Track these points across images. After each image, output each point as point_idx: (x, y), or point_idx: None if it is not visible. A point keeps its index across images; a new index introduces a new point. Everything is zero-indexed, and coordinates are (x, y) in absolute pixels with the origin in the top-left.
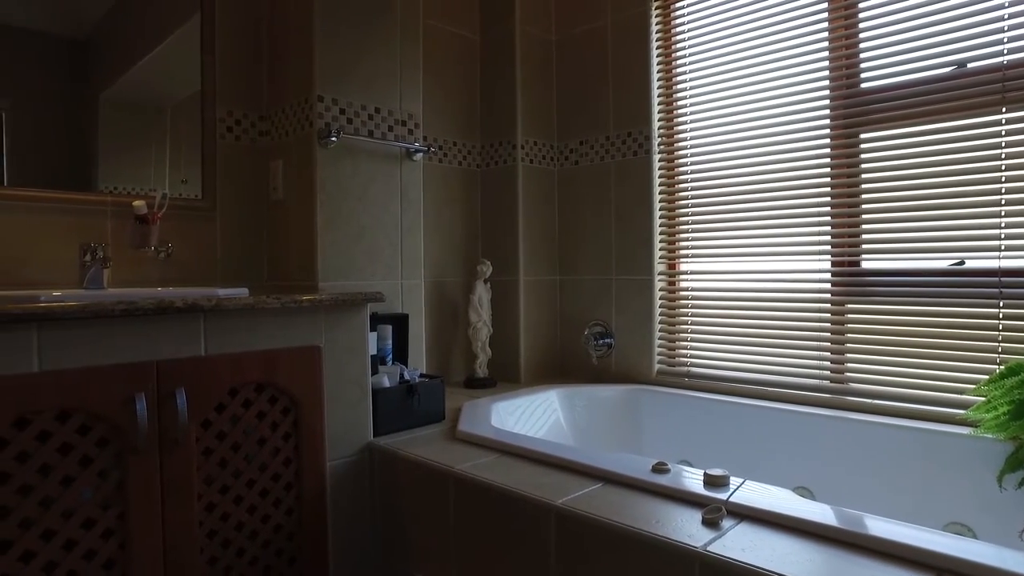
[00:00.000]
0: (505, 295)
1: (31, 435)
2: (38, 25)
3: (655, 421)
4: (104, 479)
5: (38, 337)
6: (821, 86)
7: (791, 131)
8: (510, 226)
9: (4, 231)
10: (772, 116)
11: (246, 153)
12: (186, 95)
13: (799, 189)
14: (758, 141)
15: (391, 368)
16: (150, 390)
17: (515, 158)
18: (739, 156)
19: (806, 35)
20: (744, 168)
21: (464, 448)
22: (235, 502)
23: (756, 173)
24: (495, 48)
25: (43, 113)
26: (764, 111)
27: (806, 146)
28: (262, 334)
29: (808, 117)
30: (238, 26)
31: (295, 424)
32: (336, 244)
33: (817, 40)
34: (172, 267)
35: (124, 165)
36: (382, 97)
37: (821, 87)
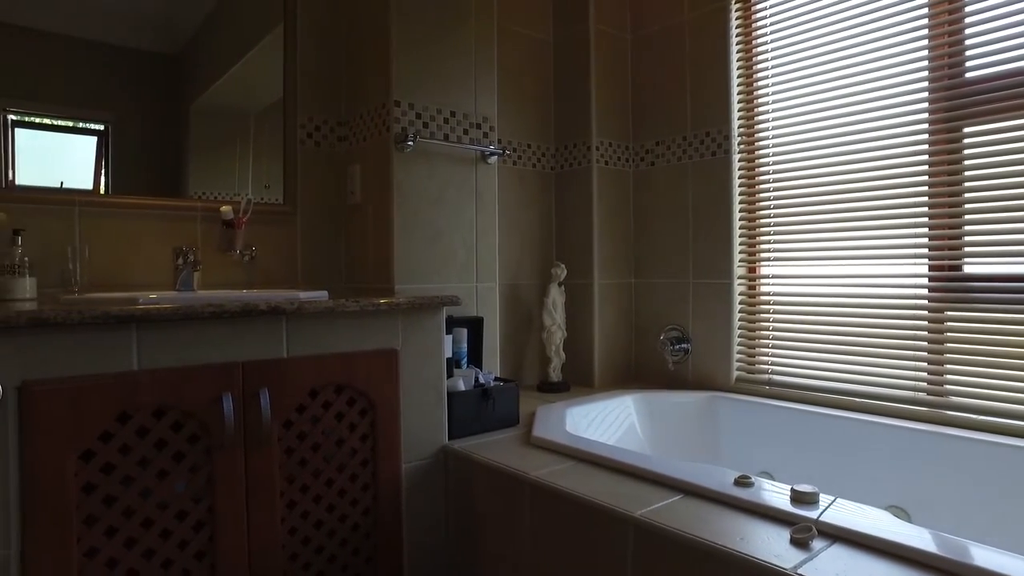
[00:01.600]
0: (579, 298)
1: (131, 429)
2: (138, 44)
3: (734, 430)
4: (195, 474)
5: (137, 337)
6: (919, 76)
7: (885, 125)
8: (585, 229)
9: (108, 236)
10: (864, 110)
11: (325, 158)
12: (268, 103)
13: (893, 188)
14: (848, 137)
15: (466, 371)
16: (236, 390)
17: (590, 160)
18: (826, 153)
19: (903, 22)
20: (831, 166)
21: (539, 454)
22: (314, 500)
23: (845, 171)
24: (569, 49)
25: (141, 125)
26: (855, 105)
27: (901, 141)
28: (341, 336)
29: (904, 111)
30: (318, 35)
31: (372, 426)
32: (412, 247)
33: (916, 27)
34: (256, 270)
35: (211, 171)
36: (457, 101)
37: (919, 77)
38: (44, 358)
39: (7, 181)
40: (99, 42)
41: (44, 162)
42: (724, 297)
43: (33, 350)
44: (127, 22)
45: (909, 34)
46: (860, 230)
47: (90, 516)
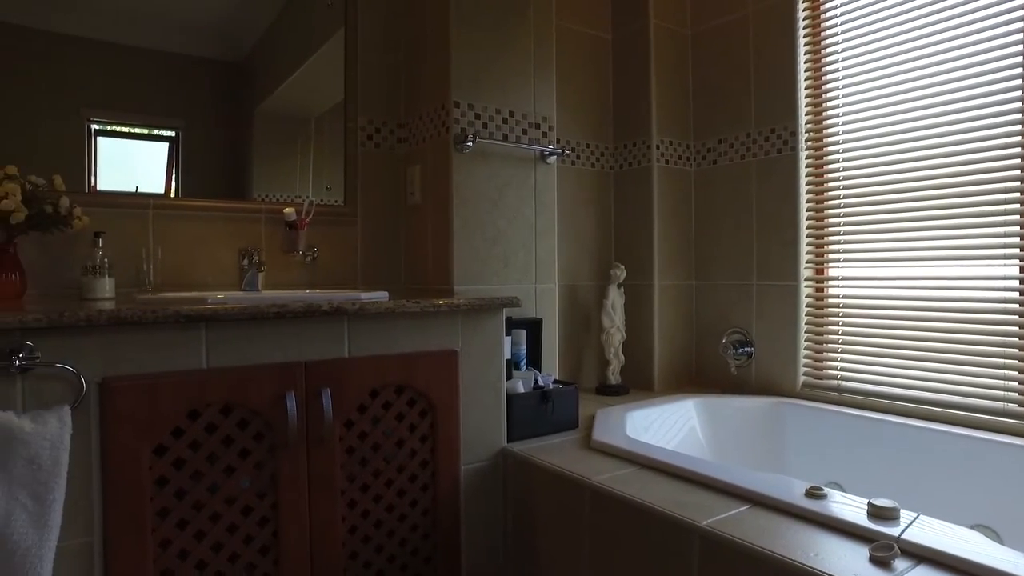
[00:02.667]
0: (639, 300)
1: (201, 426)
2: (207, 53)
3: (800, 438)
4: (260, 470)
5: (206, 336)
6: (1013, 63)
7: (972, 116)
8: (645, 229)
9: (178, 237)
10: (948, 100)
11: (385, 160)
12: (328, 106)
13: (980, 184)
14: (929, 130)
15: (525, 373)
16: (299, 389)
17: (650, 159)
18: (904, 148)
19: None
20: (909, 161)
21: (599, 458)
22: (374, 500)
23: (924, 166)
24: (628, 46)
25: (209, 131)
26: (937, 95)
27: (991, 133)
28: (402, 337)
29: (995, 99)
30: (378, 38)
31: (432, 427)
32: (471, 248)
33: (1010, 7)
34: (318, 270)
35: (273, 174)
36: (516, 100)
37: (1013, 64)
38: (122, 355)
39: (90, 187)
40: (172, 53)
41: (121, 168)
42: (790, 299)
43: (112, 348)
44: (197, 33)
45: (1002, 16)
46: (941, 229)
47: (163, 508)
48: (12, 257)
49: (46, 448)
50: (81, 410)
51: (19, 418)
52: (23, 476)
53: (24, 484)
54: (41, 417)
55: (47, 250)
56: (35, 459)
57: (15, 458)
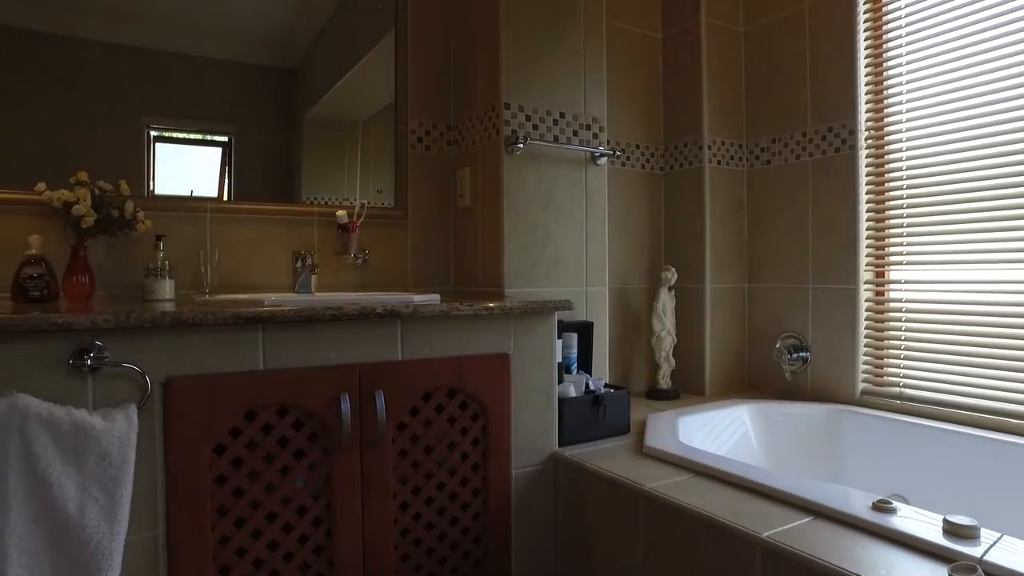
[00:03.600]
0: (690, 303)
1: (257, 426)
2: (258, 60)
3: (860, 447)
4: (314, 471)
5: (263, 338)
6: None
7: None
8: (696, 231)
9: (234, 240)
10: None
11: (435, 162)
12: (376, 109)
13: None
14: (1000, 127)
15: (576, 377)
16: (353, 391)
17: (701, 159)
18: (974, 145)
19: None
20: (980, 159)
21: (653, 465)
22: (426, 503)
23: (995, 165)
24: (679, 45)
25: (260, 135)
26: (1009, 90)
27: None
28: (454, 340)
29: None
30: (427, 41)
31: (484, 430)
32: (521, 250)
33: None
34: (369, 272)
35: (322, 177)
36: (566, 102)
37: None
38: (184, 356)
39: (148, 191)
40: (226, 61)
41: (177, 173)
42: (848, 303)
43: (175, 348)
44: (250, 42)
45: None
46: (1013, 231)
47: (222, 506)
48: (82, 259)
49: (115, 445)
50: (146, 409)
51: (91, 415)
52: (95, 471)
53: (96, 479)
54: (111, 415)
55: (113, 252)
56: (106, 455)
57: (88, 454)
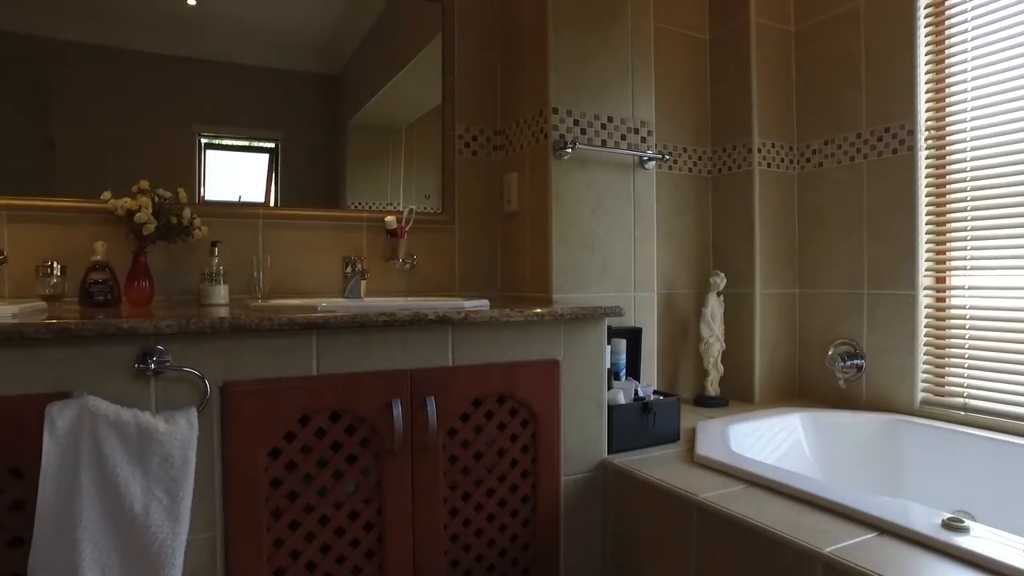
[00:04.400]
0: (739, 309)
1: (311, 431)
2: (304, 67)
3: (920, 459)
4: (366, 476)
5: (317, 343)
6: None
7: None
8: (745, 235)
9: (284, 245)
10: None
11: (482, 167)
12: (419, 115)
13: None
14: None
15: (625, 384)
16: (405, 397)
17: (751, 162)
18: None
19: None
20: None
21: (704, 474)
22: (475, 509)
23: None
24: (727, 46)
25: (305, 141)
26: None
27: None
28: (504, 346)
29: None
30: (474, 48)
31: (533, 437)
32: (570, 256)
33: None
34: (416, 278)
35: (366, 182)
36: (614, 105)
37: None
38: (241, 361)
39: (199, 197)
40: (273, 69)
41: (226, 178)
42: (906, 310)
43: (232, 353)
44: (296, 50)
45: None
46: None
47: (277, 509)
48: (143, 265)
49: (177, 447)
50: (205, 412)
51: (154, 418)
52: (158, 473)
53: (159, 480)
54: (172, 418)
55: (171, 258)
56: (168, 457)
57: (151, 456)
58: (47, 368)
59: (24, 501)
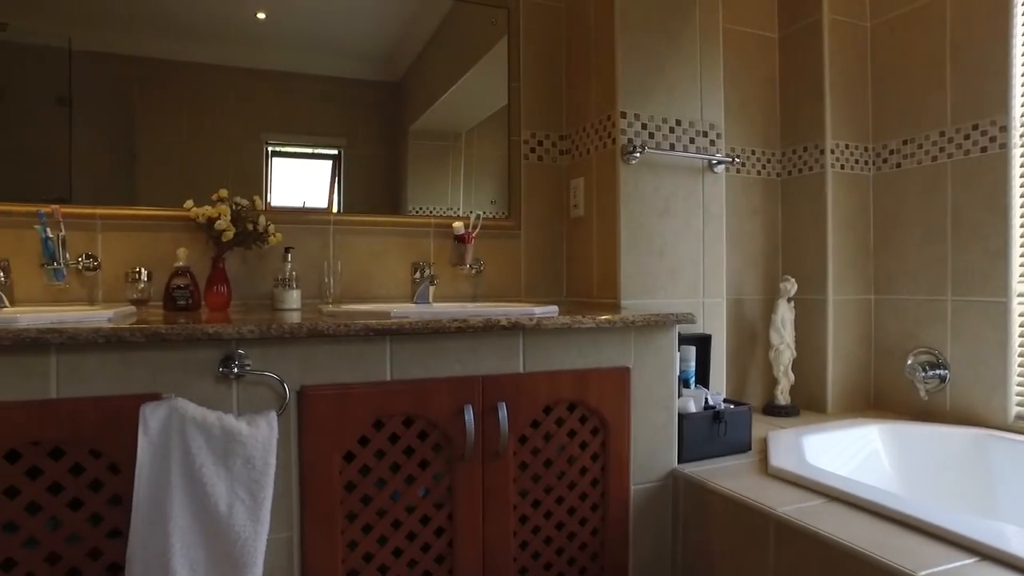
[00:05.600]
0: (810, 315)
1: (385, 435)
2: (366, 75)
3: (1016, 478)
4: (437, 482)
5: (390, 349)
6: None
7: None
8: (817, 239)
9: (353, 251)
10: None
11: (547, 172)
12: (479, 120)
13: None
14: None
15: (696, 392)
16: (476, 403)
17: (823, 164)
18: None
19: None
20: None
21: (780, 486)
22: (545, 516)
23: None
24: (798, 44)
25: (367, 148)
26: None
27: None
28: (575, 353)
29: None
30: (539, 53)
31: (603, 445)
32: (638, 261)
33: None
34: (483, 283)
35: (427, 187)
36: (683, 108)
37: None
38: (317, 365)
39: (266, 203)
40: (336, 77)
41: (291, 185)
42: (997, 318)
43: (309, 358)
44: (358, 58)
45: None
46: None
47: (351, 512)
48: (221, 271)
49: (259, 450)
50: (283, 416)
51: (237, 421)
52: (240, 474)
53: (241, 481)
54: (254, 421)
55: (246, 263)
56: (250, 459)
57: (235, 457)
58: (140, 370)
59: (121, 496)
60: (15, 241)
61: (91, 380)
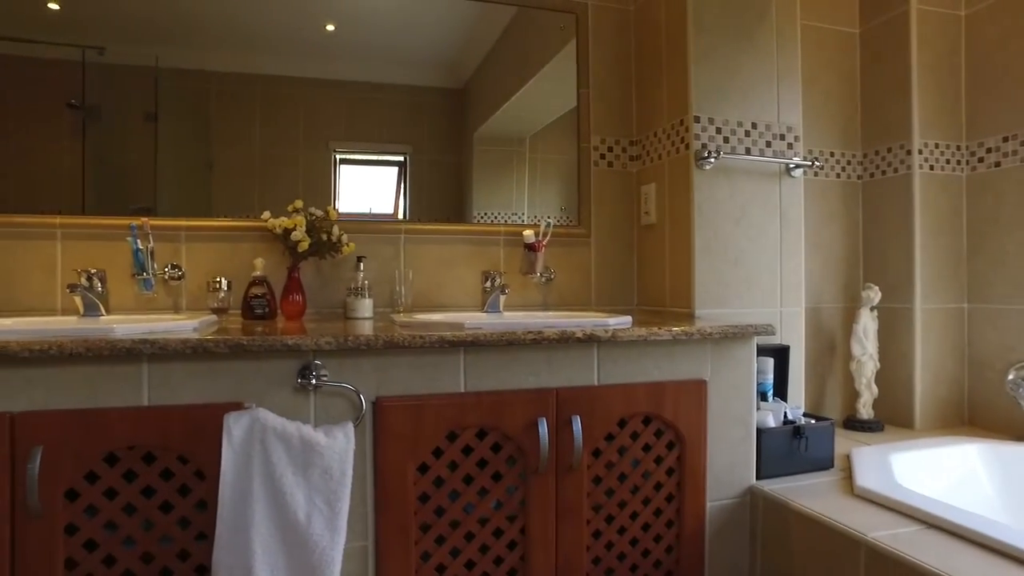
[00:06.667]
0: (895, 325)
1: (458, 447)
2: (431, 82)
3: None
4: (510, 494)
5: (464, 361)
6: None
7: None
8: (903, 245)
9: (423, 259)
10: None
11: (617, 179)
12: (543, 124)
13: None
14: None
15: (774, 405)
16: (551, 416)
17: (910, 165)
18: None
19: None
20: None
21: (868, 509)
22: (619, 532)
23: None
24: (882, 38)
25: (432, 154)
26: None
27: None
28: (650, 365)
29: None
30: (609, 57)
31: (679, 459)
32: (712, 270)
33: None
34: (553, 291)
35: (490, 193)
36: (759, 111)
37: None
38: (392, 377)
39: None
40: (401, 85)
41: (357, 192)
42: None
43: (384, 369)
44: (422, 66)
45: None
46: None
47: (424, 523)
48: (297, 281)
49: (336, 460)
50: (359, 426)
51: (315, 431)
52: (319, 484)
53: (319, 491)
54: (331, 432)
55: (319, 272)
56: (328, 470)
57: (313, 467)
58: (223, 380)
59: (206, 501)
60: (112, 253)
61: (178, 389)
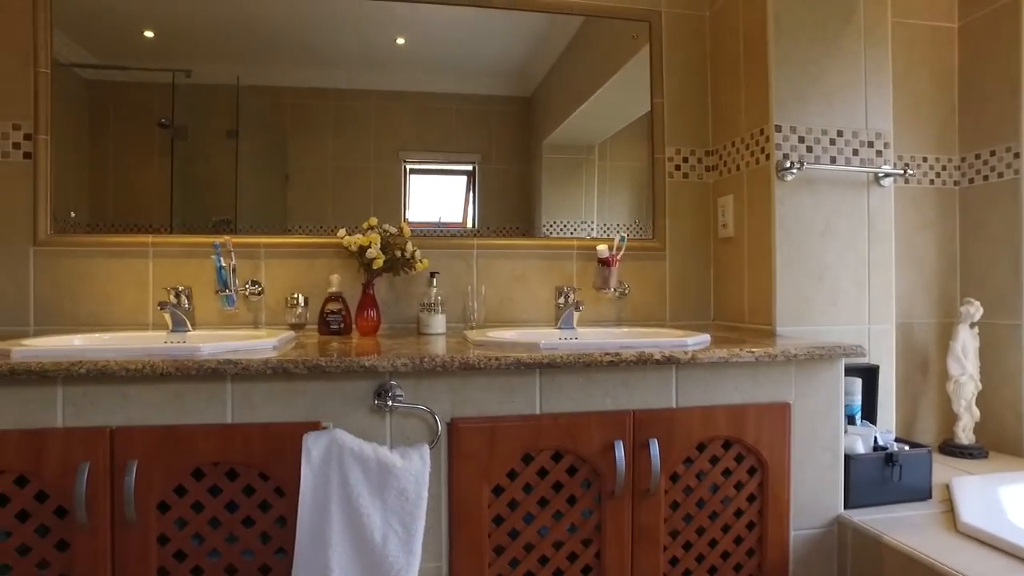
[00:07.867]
0: (998, 342)
1: (533, 470)
2: (499, 91)
3: None
4: (586, 518)
5: (540, 382)
6: None
7: None
8: (1007, 256)
9: (495, 274)
10: None
11: (692, 190)
12: (612, 132)
13: None
14: None
15: (863, 430)
16: (627, 438)
17: (1017, 168)
18: None
19: None
20: None
21: (977, 549)
22: (697, 560)
23: None
24: (984, 32)
25: (501, 163)
26: None
27: None
28: (731, 387)
29: None
30: (683, 63)
31: (761, 486)
32: (795, 285)
33: None
34: (627, 306)
35: (559, 200)
36: (845, 117)
37: None
38: (467, 398)
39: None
40: (470, 95)
41: (426, 201)
42: None
43: (459, 391)
44: (490, 75)
45: None
46: None
47: (499, 546)
48: (371, 297)
49: (412, 482)
50: (434, 448)
51: (391, 453)
52: (395, 505)
53: (396, 512)
54: (407, 454)
55: (393, 288)
56: (404, 492)
57: (389, 489)
58: (302, 399)
59: (286, 517)
60: (197, 270)
61: (259, 407)
